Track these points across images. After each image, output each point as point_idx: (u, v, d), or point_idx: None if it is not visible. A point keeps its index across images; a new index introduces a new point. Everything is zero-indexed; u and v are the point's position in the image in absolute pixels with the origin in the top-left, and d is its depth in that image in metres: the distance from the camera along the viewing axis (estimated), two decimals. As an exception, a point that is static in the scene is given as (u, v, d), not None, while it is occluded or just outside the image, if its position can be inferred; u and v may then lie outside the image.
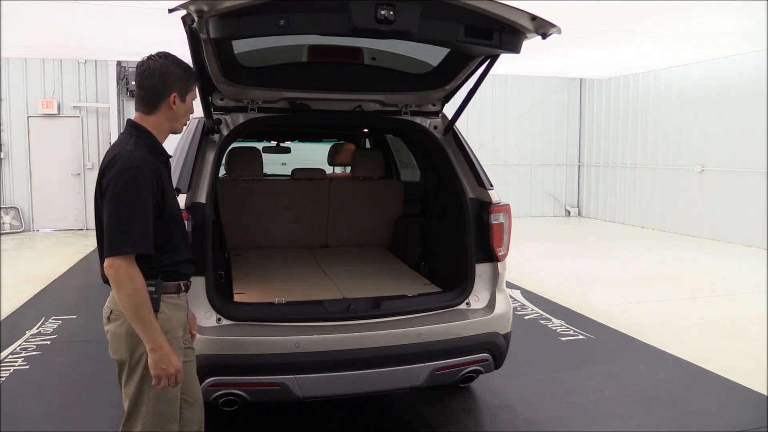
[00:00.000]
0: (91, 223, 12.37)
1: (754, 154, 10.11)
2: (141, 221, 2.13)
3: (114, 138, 11.93)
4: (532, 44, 3.07)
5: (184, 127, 2.62)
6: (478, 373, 3.41)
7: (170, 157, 2.49)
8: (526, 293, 6.88)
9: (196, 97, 2.46)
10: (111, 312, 2.26)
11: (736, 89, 10.49)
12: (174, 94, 2.30)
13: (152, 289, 2.20)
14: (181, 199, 2.91)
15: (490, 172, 3.78)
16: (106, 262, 2.13)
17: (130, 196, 2.13)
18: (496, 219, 3.46)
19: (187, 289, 2.44)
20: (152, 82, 2.27)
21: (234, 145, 4.07)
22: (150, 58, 2.30)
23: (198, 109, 3.37)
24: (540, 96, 14.40)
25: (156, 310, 2.21)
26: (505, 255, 3.54)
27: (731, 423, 3.76)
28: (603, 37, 9.13)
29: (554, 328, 5.63)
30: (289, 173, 5.26)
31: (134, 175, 2.13)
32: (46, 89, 11.88)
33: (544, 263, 8.86)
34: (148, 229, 2.16)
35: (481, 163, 3.73)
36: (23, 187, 11.96)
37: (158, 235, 2.24)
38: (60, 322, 5.79)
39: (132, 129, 2.32)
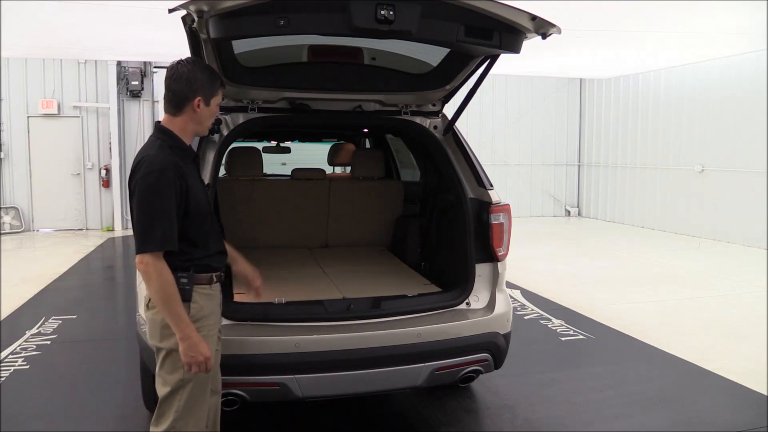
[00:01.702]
0: (91, 223, 12.47)
1: (754, 154, 10.11)
2: (164, 221, 2.28)
3: (114, 138, 12.05)
4: (532, 44, 3.07)
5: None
6: (478, 373, 3.40)
7: (197, 155, 2.60)
8: (526, 293, 6.88)
9: (221, 100, 2.58)
10: (150, 300, 2.42)
11: (736, 89, 10.48)
12: (198, 98, 2.42)
13: (185, 280, 2.37)
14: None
15: (490, 172, 3.78)
16: (137, 258, 2.29)
17: (153, 198, 2.29)
18: (496, 219, 3.46)
19: (219, 281, 2.57)
20: (179, 85, 2.40)
21: (234, 145, 4.07)
22: (179, 62, 2.43)
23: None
24: (540, 96, 14.40)
25: (189, 299, 2.38)
26: (505, 255, 3.53)
27: (731, 423, 3.76)
28: (603, 37, 9.13)
29: (554, 328, 5.63)
30: (289, 173, 5.26)
31: (157, 178, 2.29)
32: (46, 89, 11.88)
33: (544, 263, 8.86)
34: (172, 228, 2.30)
35: (481, 163, 3.73)
36: (23, 187, 11.97)
37: (187, 230, 2.39)
38: (60, 322, 5.79)
39: (158, 132, 2.47)
